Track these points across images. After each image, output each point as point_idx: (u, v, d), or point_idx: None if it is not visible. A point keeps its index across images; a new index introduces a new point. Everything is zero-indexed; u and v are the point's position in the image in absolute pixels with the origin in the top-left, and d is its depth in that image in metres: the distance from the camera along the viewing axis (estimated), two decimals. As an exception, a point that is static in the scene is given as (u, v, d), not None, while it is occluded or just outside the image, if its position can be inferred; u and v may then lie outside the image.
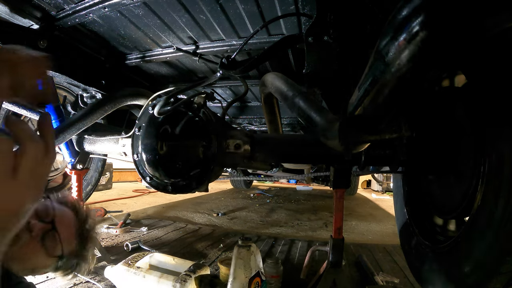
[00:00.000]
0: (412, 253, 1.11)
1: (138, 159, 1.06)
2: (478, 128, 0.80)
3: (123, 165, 4.62)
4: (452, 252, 0.81)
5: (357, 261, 1.79)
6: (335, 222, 1.23)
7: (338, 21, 0.84)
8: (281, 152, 1.07)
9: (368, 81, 0.55)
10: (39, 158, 0.41)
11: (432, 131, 1.06)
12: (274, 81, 1.07)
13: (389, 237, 2.52)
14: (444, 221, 1.05)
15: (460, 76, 0.93)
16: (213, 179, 1.13)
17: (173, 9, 1.08)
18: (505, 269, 0.62)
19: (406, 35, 0.38)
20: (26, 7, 1.08)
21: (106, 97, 1.38)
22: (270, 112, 1.39)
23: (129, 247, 1.76)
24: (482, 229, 0.69)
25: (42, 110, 0.87)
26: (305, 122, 0.86)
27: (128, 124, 1.85)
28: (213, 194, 4.98)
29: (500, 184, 0.66)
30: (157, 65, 1.63)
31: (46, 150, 0.42)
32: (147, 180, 1.09)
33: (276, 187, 6.70)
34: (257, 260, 1.14)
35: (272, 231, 2.59)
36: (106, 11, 1.08)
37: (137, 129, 1.05)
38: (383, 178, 6.38)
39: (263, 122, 2.22)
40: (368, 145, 0.81)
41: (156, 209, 3.36)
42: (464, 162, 0.87)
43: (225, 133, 1.07)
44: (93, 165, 2.15)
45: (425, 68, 0.44)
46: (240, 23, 1.14)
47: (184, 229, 2.40)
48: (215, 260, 1.69)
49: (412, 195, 1.25)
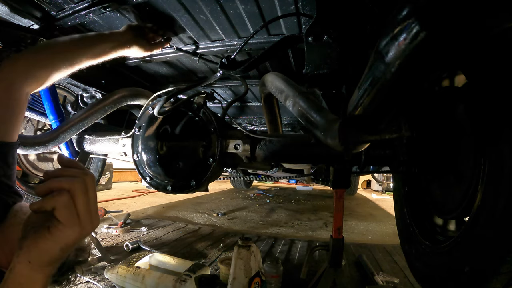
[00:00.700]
0: (412, 253, 1.11)
1: (138, 159, 1.06)
2: (478, 128, 0.80)
3: (123, 165, 4.63)
4: (452, 252, 0.81)
5: (357, 261, 1.79)
6: (335, 222, 1.23)
7: (338, 21, 0.84)
8: (281, 152, 1.07)
9: (368, 81, 0.55)
10: (86, 192, 0.46)
11: (432, 131, 1.06)
12: (274, 81, 1.07)
13: (389, 237, 2.52)
14: (444, 221, 1.05)
15: (460, 76, 0.93)
16: (213, 179, 1.14)
17: (173, 9, 1.08)
18: (505, 269, 0.62)
19: (406, 35, 0.38)
20: (26, 7, 1.08)
21: (106, 97, 1.38)
22: (270, 112, 1.39)
23: (129, 247, 1.76)
24: (482, 229, 0.69)
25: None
26: (305, 122, 0.86)
27: (128, 124, 1.85)
28: (213, 194, 4.98)
29: (500, 184, 0.66)
30: (157, 65, 1.63)
31: (85, 183, 0.46)
32: (147, 180, 1.09)
33: (276, 187, 6.70)
34: (257, 260, 1.14)
35: (272, 231, 2.59)
36: (106, 11, 1.08)
37: (137, 129, 1.05)
38: (383, 178, 6.38)
39: (263, 122, 2.22)
40: (368, 145, 0.81)
41: (156, 209, 3.36)
42: (464, 162, 0.87)
43: (225, 133, 1.07)
44: (93, 165, 2.15)
45: (425, 68, 0.44)
46: (240, 23, 1.14)
47: (184, 229, 2.40)
48: (215, 260, 1.69)
49: (412, 195, 1.25)
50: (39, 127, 1.81)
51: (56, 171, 0.46)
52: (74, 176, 0.45)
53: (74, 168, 0.47)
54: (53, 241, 0.42)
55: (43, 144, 1.26)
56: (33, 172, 1.83)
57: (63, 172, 0.46)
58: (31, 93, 0.84)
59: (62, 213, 0.42)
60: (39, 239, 0.42)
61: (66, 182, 0.44)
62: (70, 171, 0.46)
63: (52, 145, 1.29)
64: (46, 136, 1.28)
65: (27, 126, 1.76)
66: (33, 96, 1.44)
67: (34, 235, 0.42)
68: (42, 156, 1.89)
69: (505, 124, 0.66)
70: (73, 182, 0.44)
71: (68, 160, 0.49)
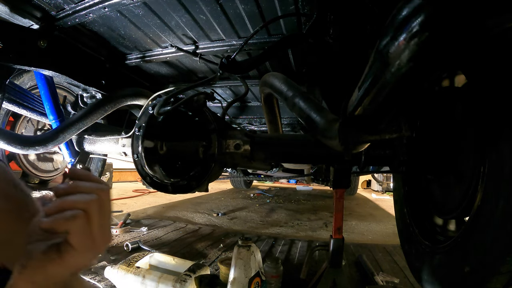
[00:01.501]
0: (412, 253, 1.11)
1: (138, 159, 1.06)
2: (478, 128, 0.80)
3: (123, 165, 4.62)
4: (452, 252, 0.81)
5: (357, 261, 1.79)
6: (335, 222, 1.23)
7: (338, 21, 0.84)
8: (281, 152, 1.07)
9: (368, 81, 0.55)
10: (102, 211, 0.41)
11: (432, 131, 1.06)
12: (274, 81, 1.07)
13: (389, 237, 2.52)
14: (444, 221, 1.05)
15: (460, 76, 0.93)
16: (213, 179, 1.13)
17: (173, 9, 1.08)
18: (505, 269, 0.62)
19: (406, 35, 0.38)
20: (26, 7, 1.08)
21: (106, 97, 1.38)
22: (270, 112, 1.39)
23: (129, 247, 1.76)
24: (482, 229, 0.69)
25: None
26: (305, 122, 0.86)
27: (128, 124, 1.85)
28: (213, 194, 4.98)
29: (500, 184, 0.66)
30: (157, 65, 1.63)
31: (101, 200, 0.42)
32: (147, 180, 1.09)
33: (276, 187, 6.70)
34: (257, 260, 1.14)
35: (272, 231, 2.59)
36: (106, 11, 1.08)
37: (137, 129, 1.05)
38: (383, 178, 6.38)
39: (263, 122, 2.22)
40: (368, 145, 0.81)
41: (156, 209, 3.36)
42: (464, 162, 0.87)
43: (225, 133, 1.07)
44: (93, 165, 2.15)
45: (425, 68, 0.44)
46: (240, 23, 1.14)
47: (184, 229, 2.40)
48: (215, 260, 1.69)
49: (412, 195, 1.25)
50: (39, 127, 1.81)
51: (69, 188, 0.41)
52: (89, 193, 0.41)
53: (88, 182, 0.42)
54: (63, 266, 0.38)
55: (43, 144, 1.26)
56: (33, 172, 1.83)
57: (77, 189, 0.41)
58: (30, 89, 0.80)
59: (77, 239, 0.38)
60: (48, 263, 0.38)
61: (82, 201, 0.39)
62: (84, 187, 0.41)
63: (52, 145, 1.29)
64: (46, 136, 1.28)
65: (27, 126, 1.76)
66: (33, 96, 1.44)
67: (42, 257, 0.38)
68: (42, 156, 1.89)
69: (505, 124, 0.66)
70: (89, 202, 0.40)
71: (81, 173, 0.44)
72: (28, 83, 1.56)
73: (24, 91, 1.40)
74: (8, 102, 1.29)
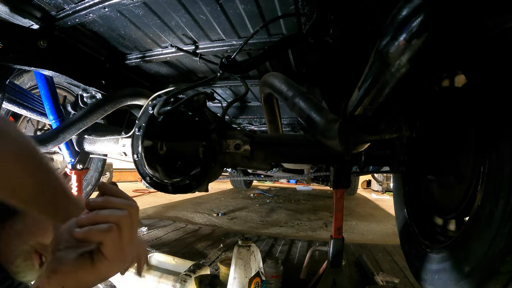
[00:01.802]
0: (412, 253, 1.11)
1: (138, 159, 1.06)
2: (478, 128, 0.80)
3: (123, 165, 4.62)
4: (452, 252, 0.81)
5: (357, 261, 1.79)
6: (335, 222, 1.23)
7: (338, 21, 0.84)
8: (281, 152, 1.07)
9: (368, 81, 0.55)
10: (132, 226, 0.44)
11: (432, 131, 1.06)
12: (274, 81, 1.07)
13: (389, 237, 2.52)
14: (444, 221, 1.05)
15: (460, 76, 0.93)
16: (213, 179, 1.13)
17: (173, 9, 1.08)
18: (505, 269, 0.62)
19: (406, 35, 0.38)
20: (26, 7, 1.08)
21: (106, 97, 1.38)
22: (270, 112, 1.39)
23: (129, 247, 1.76)
24: (482, 229, 0.69)
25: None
26: (305, 122, 0.86)
27: (128, 124, 1.85)
28: (213, 194, 4.98)
29: (500, 184, 0.66)
30: (157, 65, 1.63)
31: (131, 216, 0.44)
32: (147, 180, 1.09)
33: (276, 187, 6.70)
34: (257, 260, 1.14)
35: (272, 231, 2.59)
36: (106, 11, 1.08)
37: (137, 129, 1.05)
38: (383, 178, 6.37)
39: (263, 122, 2.22)
40: (368, 145, 0.81)
41: (156, 209, 3.36)
42: (464, 162, 0.87)
43: (225, 133, 1.07)
44: (93, 165, 2.16)
45: (425, 68, 0.44)
46: (240, 23, 1.14)
47: (184, 229, 2.40)
48: (215, 260, 1.69)
49: (412, 195, 1.25)
50: (39, 127, 1.81)
51: (101, 202, 0.43)
52: (121, 209, 0.43)
53: (119, 198, 0.45)
54: (95, 274, 0.41)
55: (43, 144, 1.26)
56: (33, 172, 1.83)
57: (108, 204, 0.43)
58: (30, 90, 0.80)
59: (110, 249, 0.40)
60: (80, 270, 0.40)
61: (115, 216, 0.42)
62: (115, 203, 0.44)
63: (52, 145, 1.29)
64: (46, 136, 1.28)
65: (27, 126, 1.76)
66: (33, 96, 1.44)
67: (74, 263, 0.40)
68: (42, 156, 1.89)
69: (505, 124, 0.66)
70: (121, 217, 0.42)
71: (112, 189, 0.46)
72: (28, 83, 1.56)
73: (24, 91, 1.41)
74: (8, 102, 1.29)
